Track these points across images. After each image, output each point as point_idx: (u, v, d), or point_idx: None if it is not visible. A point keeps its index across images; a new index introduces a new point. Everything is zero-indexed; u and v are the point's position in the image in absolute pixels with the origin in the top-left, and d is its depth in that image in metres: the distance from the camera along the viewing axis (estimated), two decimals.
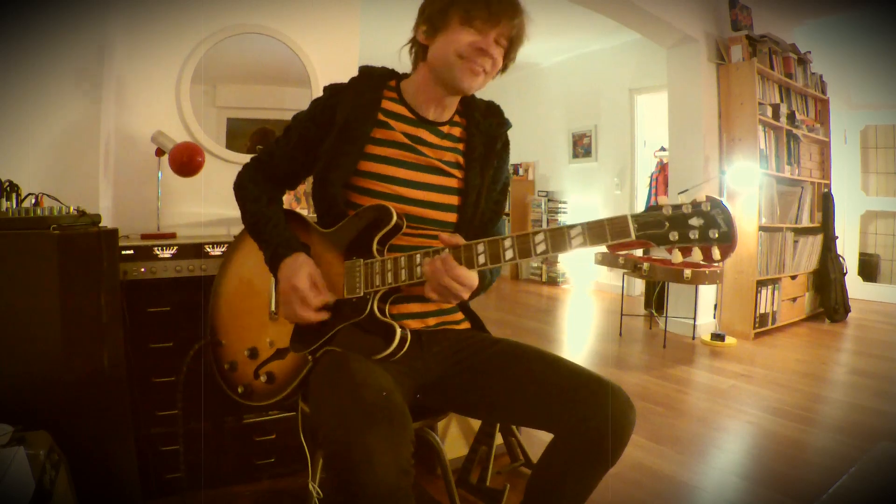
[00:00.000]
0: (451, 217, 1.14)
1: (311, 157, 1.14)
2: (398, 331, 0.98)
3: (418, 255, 0.98)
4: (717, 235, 0.80)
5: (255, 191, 1.17)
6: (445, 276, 0.92)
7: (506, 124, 1.21)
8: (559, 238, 0.87)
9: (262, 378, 1.09)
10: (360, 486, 0.76)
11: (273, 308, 1.11)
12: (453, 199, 1.14)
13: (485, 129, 1.17)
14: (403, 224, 1.05)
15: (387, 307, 1.04)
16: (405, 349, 1.00)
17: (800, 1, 4.30)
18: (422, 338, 1.11)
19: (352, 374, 0.92)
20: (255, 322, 1.16)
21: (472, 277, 0.94)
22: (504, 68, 1.12)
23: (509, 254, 0.90)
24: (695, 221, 0.81)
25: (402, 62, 1.22)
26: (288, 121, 1.20)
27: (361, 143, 1.09)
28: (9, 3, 1.63)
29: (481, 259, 0.92)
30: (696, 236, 0.81)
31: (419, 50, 1.13)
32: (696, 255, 0.84)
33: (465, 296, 0.95)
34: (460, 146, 1.17)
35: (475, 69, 1.06)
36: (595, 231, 0.85)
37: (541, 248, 0.88)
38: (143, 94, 2.01)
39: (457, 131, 1.18)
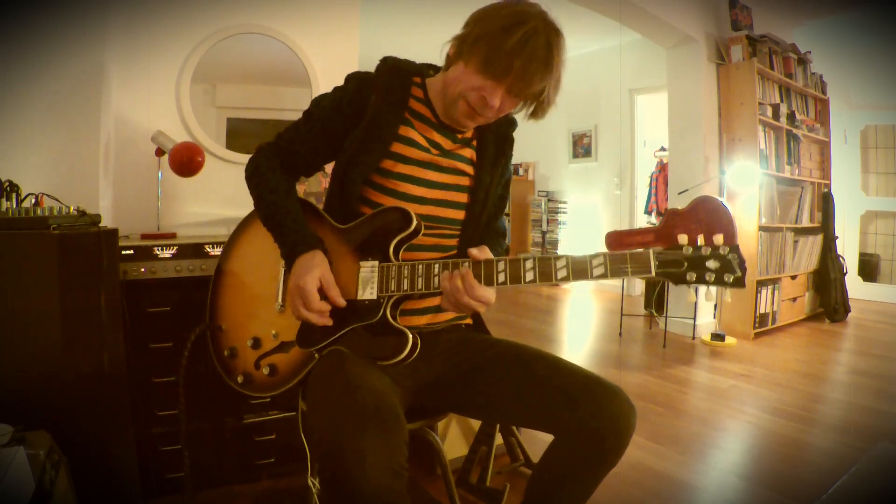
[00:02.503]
0: (460, 214, 1.16)
1: (333, 148, 1.13)
2: (410, 339, 0.98)
3: (436, 265, 0.98)
4: (731, 280, 0.84)
5: (272, 179, 1.12)
6: (465, 295, 0.94)
7: (514, 123, 1.23)
8: (581, 266, 0.90)
9: (265, 370, 1.08)
10: (353, 489, 0.76)
11: (280, 301, 1.10)
12: (463, 197, 1.16)
13: (495, 128, 1.19)
14: (421, 230, 1.05)
15: (397, 312, 1.04)
16: (415, 356, 0.99)
17: (800, 1, 4.30)
18: (424, 336, 1.10)
19: (347, 376, 0.92)
20: (260, 311, 1.14)
21: (491, 295, 0.95)
22: (536, 115, 1.06)
23: (530, 275, 0.92)
24: (712, 264, 0.85)
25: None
26: (287, 120, 1.19)
27: (388, 142, 1.08)
28: (9, 3, 1.63)
29: (501, 277, 0.94)
30: (712, 279, 0.85)
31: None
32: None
33: (483, 311, 0.97)
34: (473, 143, 1.18)
35: (472, 114, 1.05)
36: (616, 262, 0.88)
37: (562, 273, 0.90)
38: (142, 93, 2.01)
39: (469, 132, 1.19)
